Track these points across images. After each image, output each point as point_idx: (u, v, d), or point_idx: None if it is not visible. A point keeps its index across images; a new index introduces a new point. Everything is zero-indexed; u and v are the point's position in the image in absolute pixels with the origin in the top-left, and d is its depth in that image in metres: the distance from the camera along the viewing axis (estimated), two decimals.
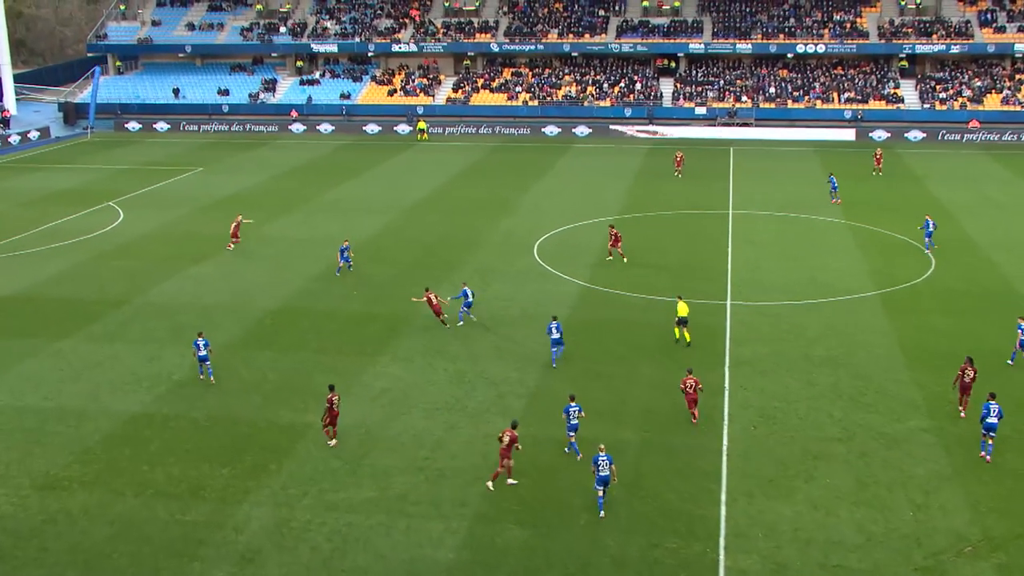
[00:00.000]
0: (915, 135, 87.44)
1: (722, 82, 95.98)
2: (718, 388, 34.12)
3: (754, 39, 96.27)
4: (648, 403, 33.14)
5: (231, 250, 52.08)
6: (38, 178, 73.91)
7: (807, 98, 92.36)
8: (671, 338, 38.33)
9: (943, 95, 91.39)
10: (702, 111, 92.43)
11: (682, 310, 38.27)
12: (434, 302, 39.72)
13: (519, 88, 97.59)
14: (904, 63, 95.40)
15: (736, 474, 28.34)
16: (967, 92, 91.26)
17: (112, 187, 69.56)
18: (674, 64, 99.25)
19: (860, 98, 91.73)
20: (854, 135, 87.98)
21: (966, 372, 31.76)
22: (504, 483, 27.72)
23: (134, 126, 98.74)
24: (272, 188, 69.15)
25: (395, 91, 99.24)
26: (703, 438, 30.51)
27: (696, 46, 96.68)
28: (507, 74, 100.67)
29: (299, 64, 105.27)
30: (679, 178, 70.82)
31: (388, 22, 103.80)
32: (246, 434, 31.14)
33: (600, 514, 26.18)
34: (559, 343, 36.10)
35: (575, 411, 29.55)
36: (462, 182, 70.91)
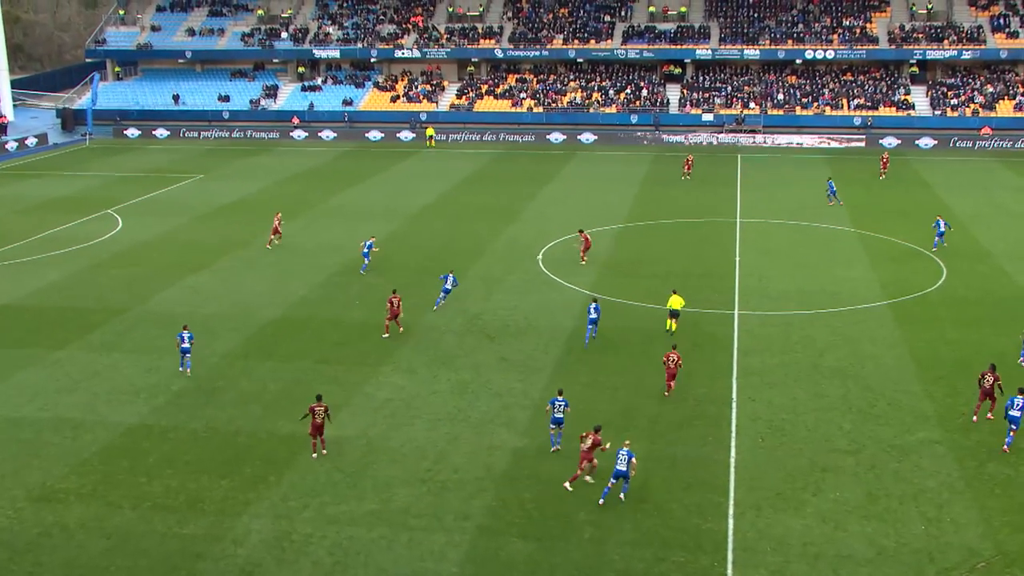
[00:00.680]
0: (926, 142, 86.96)
1: (729, 88, 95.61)
2: (726, 399, 33.77)
3: (762, 45, 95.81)
4: (654, 414, 32.76)
5: (270, 248, 53.29)
6: (36, 185, 73.60)
7: (816, 104, 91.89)
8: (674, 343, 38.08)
9: (955, 101, 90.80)
10: (709, 118, 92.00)
11: (675, 303, 39.36)
12: (395, 306, 39.66)
13: (524, 95, 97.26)
14: (915, 69, 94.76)
15: (744, 487, 27.98)
16: (979, 98, 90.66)
17: (111, 194, 69.23)
18: (681, 70, 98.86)
19: (870, 104, 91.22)
20: (864, 142, 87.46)
21: (985, 377, 31.57)
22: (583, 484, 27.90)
23: (133, 133, 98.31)
24: (273, 195, 68.80)
25: (398, 98, 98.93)
26: (710, 450, 30.15)
27: (703, 52, 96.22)
28: (511, 80, 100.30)
29: (300, 70, 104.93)
30: (687, 181, 70.98)
31: (391, 28, 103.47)
32: (246, 445, 30.78)
33: (600, 501, 26.77)
34: (595, 323, 38.32)
35: (560, 405, 29.92)
36: (466, 189, 70.60)
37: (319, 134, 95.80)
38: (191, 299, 45.12)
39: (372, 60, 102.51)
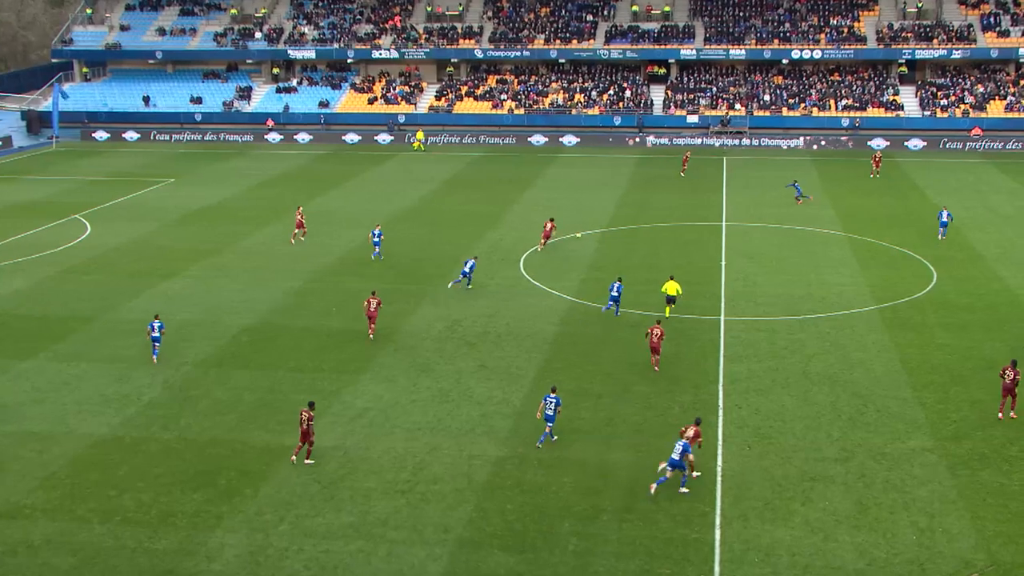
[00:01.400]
0: (915, 143, 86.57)
1: (715, 89, 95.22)
2: (712, 407, 33.27)
3: (748, 45, 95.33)
4: (639, 422, 32.24)
5: (293, 244, 54.12)
6: (0, 190, 72.30)
7: (803, 105, 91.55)
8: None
9: (944, 102, 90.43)
10: (694, 119, 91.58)
11: (671, 288, 40.79)
12: (372, 308, 39.16)
13: (504, 96, 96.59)
14: (904, 69, 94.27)
15: (731, 496, 27.53)
16: (969, 99, 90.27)
17: (79, 199, 68.03)
18: (665, 71, 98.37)
19: (858, 105, 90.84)
20: (852, 143, 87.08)
21: (1006, 373, 31.46)
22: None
23: (102, 135, 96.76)
24: (248, 200, 67.95)
25: (375, 99, 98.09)
26: (696, 459, 29.50)
27: (688, 52, 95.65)
28: (492, 81, 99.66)
29: (275, 71, 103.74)
30: (678, 182, 71.22)
31: (368, 27, 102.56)
32: (220, 456, 30.08)
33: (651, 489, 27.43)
34: (616, 301, 40.86)
35: (551, 403, 30.11)
36: (445, 193, 69.93)
37: (295, 137, 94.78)
38: (163, 306, 44.01)
39: (349, 61, 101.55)
